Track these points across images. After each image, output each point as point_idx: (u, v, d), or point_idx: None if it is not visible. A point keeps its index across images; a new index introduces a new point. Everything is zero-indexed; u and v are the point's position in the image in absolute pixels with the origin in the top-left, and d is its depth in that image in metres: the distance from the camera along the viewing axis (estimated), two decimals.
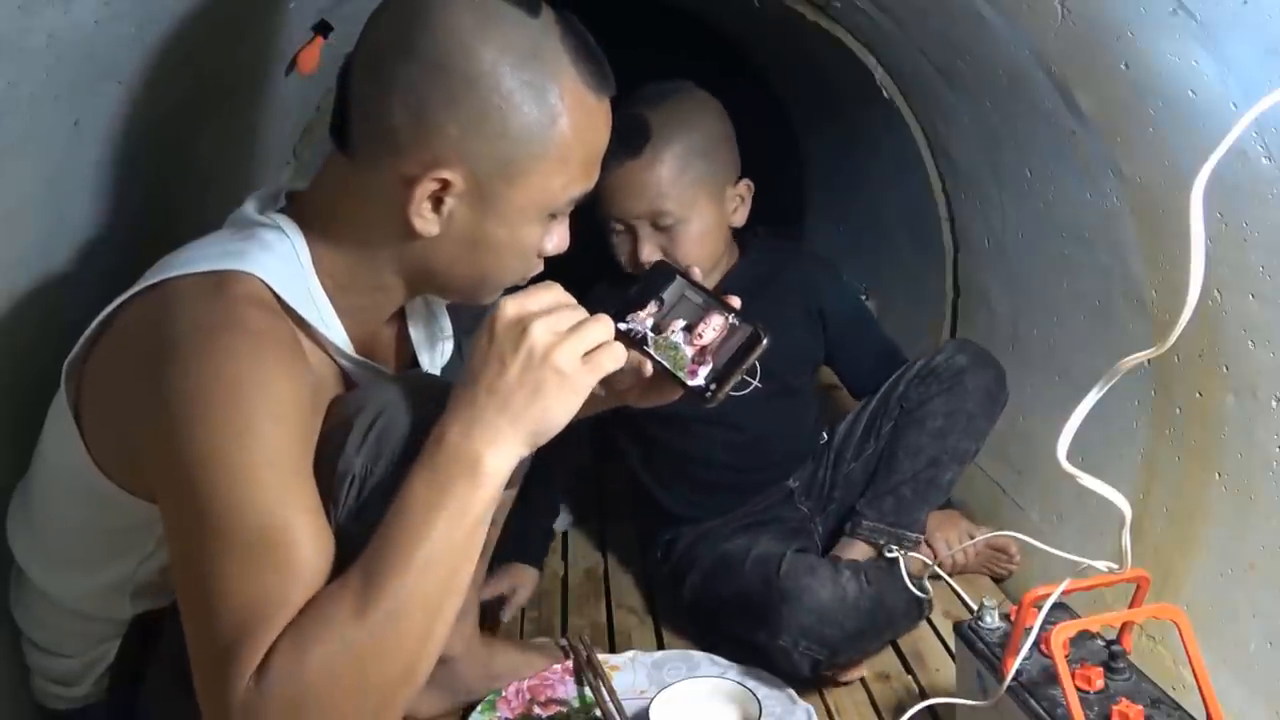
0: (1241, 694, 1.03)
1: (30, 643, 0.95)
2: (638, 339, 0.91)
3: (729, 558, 1.33)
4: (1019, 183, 1.47)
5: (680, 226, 1.34)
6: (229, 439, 0.73)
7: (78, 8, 0.87)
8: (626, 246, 1.37)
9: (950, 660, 1.26)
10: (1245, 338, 1.05)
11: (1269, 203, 0.95)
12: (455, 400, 0.78)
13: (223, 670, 0.71)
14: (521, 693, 1.22)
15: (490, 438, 0.76)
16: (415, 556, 0.73)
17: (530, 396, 0.76)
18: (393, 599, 0.71)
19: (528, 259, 0.91)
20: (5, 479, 0.96)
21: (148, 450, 0.77)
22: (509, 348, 0.76)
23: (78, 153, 1.01)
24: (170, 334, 0.77)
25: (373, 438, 0.82)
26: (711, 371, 0.87)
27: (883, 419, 1.44)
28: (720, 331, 0.89)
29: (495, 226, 0.85)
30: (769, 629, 1.21)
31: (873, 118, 1.89)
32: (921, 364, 1.42)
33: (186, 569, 0.75)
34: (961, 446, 1.39)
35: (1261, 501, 1.06)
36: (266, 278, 0.82)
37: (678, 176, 1.33)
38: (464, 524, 0.75)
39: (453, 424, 0.76)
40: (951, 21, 1.35)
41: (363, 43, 0.85)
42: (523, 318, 0.77)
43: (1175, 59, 0.98)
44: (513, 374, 0.76)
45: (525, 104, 0.81)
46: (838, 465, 1.47)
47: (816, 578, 1.21)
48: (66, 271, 1.04)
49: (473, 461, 0.75)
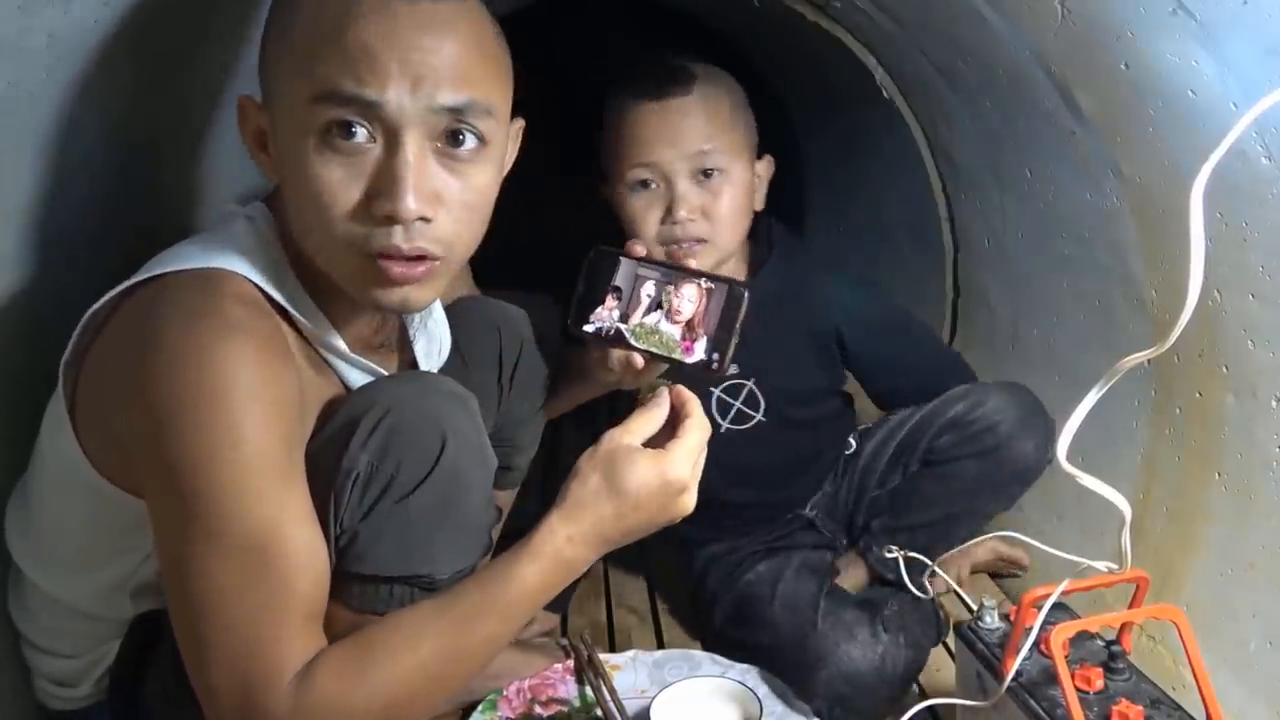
0: (1241, 694, 1.03)
1: (29, 643, 0.95)
2: (613, 336, 0.88)
3: (754, 596, 1.26)
4: (1019, 183, 1.47)
5: (722, 177, 1.21)
6: (216, 445, 0.73)
7: (78, 8, 0.87)
8: (655, 208, 1.22)
9: (950, 660, 1.25)
10: (1245, 338, 1.05)
11: (1269, 203, 0.96)
12: (577, 508, 0.82)
13: (245, 682, 0.72)
14: (522, 692, 1.22)
15: (599, 552, 0.84)
16: (500, 615, 0.80)
17: (646, 529, 0.85)
18: (469, 657, 0.80)
19: (341, 197, 0.80)
20: (3, 478, 0.96)
21: (137, 452, 0.77)
22: (659, 500, 0.83)
23: (78, 153, 1.01)
24: (156, 332, 0.76)
25: (379, 435, 0.81)
26: (708, 342, 0.85)
27: (911, 457, 1.36)
28: (698, 299, 0.86)
29: (285, 137, 0.82)
30: (802, 689, 1.16)
31: (873, 118, 1.89)
32: (959, 410, 1.32)
33: (178, 577, 0.75)
34: (987, 509, 1.35)
35: (1261, 501, 1.06)
36: (248, 274, 0.82)
37: (728, 117, 1.23)
38: (539, 603, 0.83)
39: (576, 535, 0.82)
40: (951, 21, 1.35)
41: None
42: (688, 485, 0.84)
43: (1175, 59, 0.98)
44: (647, 520, 0.84)
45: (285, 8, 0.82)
46: (863, 487, 1.40)
47: (856, 643, 1.14)
48: (66, 271, 1.03)
49: (577, 566, 0.83)
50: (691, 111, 1.21)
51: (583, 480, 0.83)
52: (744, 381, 1.35)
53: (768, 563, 1.29)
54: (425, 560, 0.84)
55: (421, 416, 0.83)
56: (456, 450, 0.83)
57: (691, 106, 1.21)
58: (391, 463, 0.81)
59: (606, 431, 0.85)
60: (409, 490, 0.82)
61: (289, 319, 0.85)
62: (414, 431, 0.82)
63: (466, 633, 0.79)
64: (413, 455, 0.82)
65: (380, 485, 0.82)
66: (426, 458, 0.82)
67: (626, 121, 1.23)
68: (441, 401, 0.85)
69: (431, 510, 0.83)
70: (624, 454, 0.83)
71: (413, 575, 0.84)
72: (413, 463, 0.82)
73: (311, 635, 0.76)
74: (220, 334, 0.75)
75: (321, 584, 0.78)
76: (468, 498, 0.86)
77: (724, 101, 1.24)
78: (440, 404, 0.85)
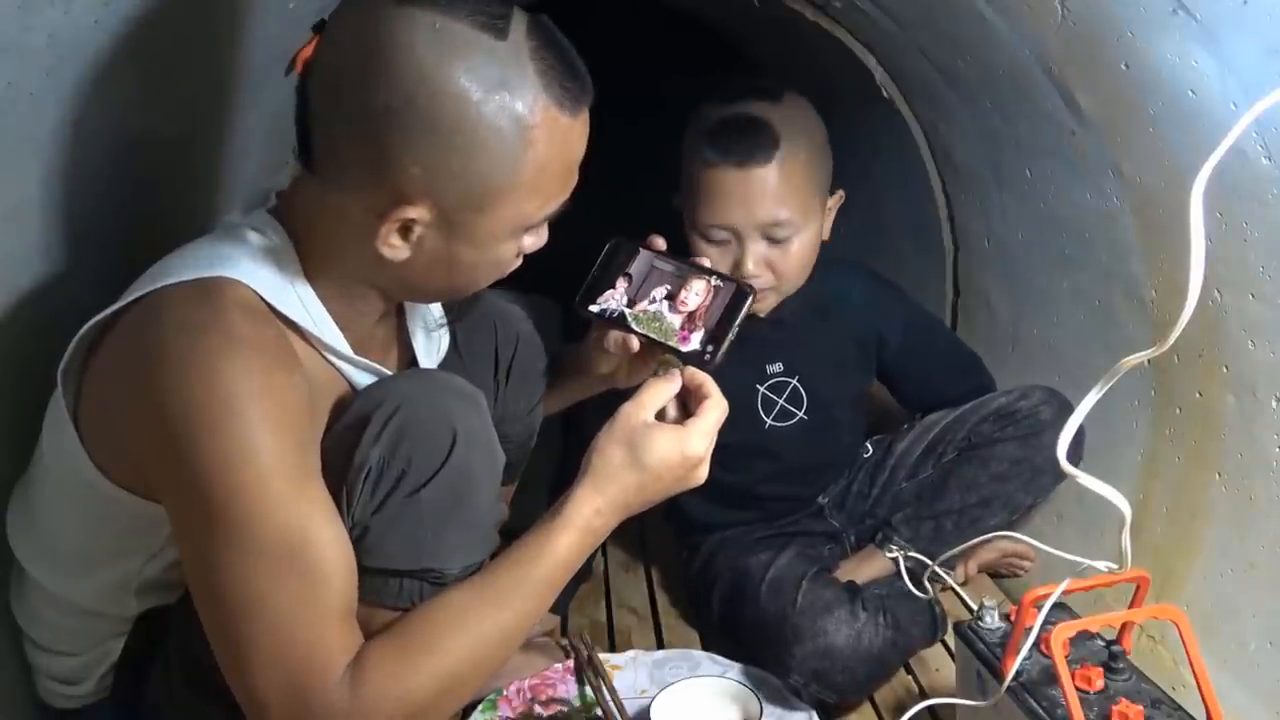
0: (1241, 694, 1.03)
1: (32, 642, 0.95)
2: (615, 318, 0.91)
3: (747, 577, 1.28)
4: (1019, 183, 1.47)
5: (794, 238, 1.26)
6: (232, 451, 0.73)
7: (78, 8, 0.87)
8: (725, 260, 1.26)
9: (950, 660, 1.25)
10: (1245, 338, 1.05)
11: (1269, 203, 0.96)
12: (603, 481, 0.85)
13: (293, 683, 0.73)
14: (523, 692, 1.22)
15: (621, 519, 0.88)
16: (537, 588, 0.83)
17: (663, 497, 0.88)
18: (513, 633, 0.83)
19: (504, 268, 0.90)
20: (5, 476, 0.96)
21: (152, 464, 0.78)
22: (677, 473, 0.86)
23: (78, 153, 1.01)
24: (162, 344, 0.76)
25: (390, 431, 0.82)
26: (705, 334, 0.88)
27: (947, 447, 1.40)
28: (705, 294, 0.89)
29: (467, 249, 0.84)
30: (780, 664, 1.18)
31: (873, 118, 1.88)
32: (1003, 402, 1.37)
33: (210, 587, 0.76)
34: (1017, 497, 1.36)
35: (1261, 501, 1.06)
36: (253, 284, 0.82)
37: (803, 183, 1.26)
38: (571, 573, 0.86)
39: (604, 506, 0.85)
40: (952, 21, 1.35)
41: (320, 56, 0.80)
42: (704, 459, 0.87)
43: (1175, 59, 0.98)
44: (664, 489, 0.87)
45: (491, 139, 0.77)
46: (889, 483, 1.43)
47: (832, 618, 1.16)
48: (66, 272, 1.03)
49: (603, 535, 0.87)
50: (771, 181, 1.24)
51: (606, 455, 0.86)
52: (789, 379, 1.38)
53: (769, 551, 1.32)
54: (434, 555, 0.85)
55: (432, 413, 0.84)
56: (466, 447, 0.84)
57: (771, 176, 1.24)
58: (402, 458, 0.82)
59: (619, 408, 0.88)
60: (419, 485, 0.83)
61: (289, 324, 0.85)
62: (425, 428, 0.83)
63: (508, 608, 0.81)
64: (423, 451, 0.82)
65: (391, 480, 0.82)
66: (437, 454, 0.83)
67: (706, 178, 1.27)
68: (452, 399, 0.86)
69: (441, 505, 0.84)
70: (644, 430, 0.86)
71: (422, 569, 0.84)
72: (423, 459, 0.82)
73: (352, 630, 0.77)
74: (226, 345, 0.76)
75: (352, 580, 0.78)
76: (477, 494, 0.86)
77: (802, 161, 1.26)
78: (451, 402, 0.86)
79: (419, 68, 0.75)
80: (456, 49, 0.76)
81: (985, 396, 1.40)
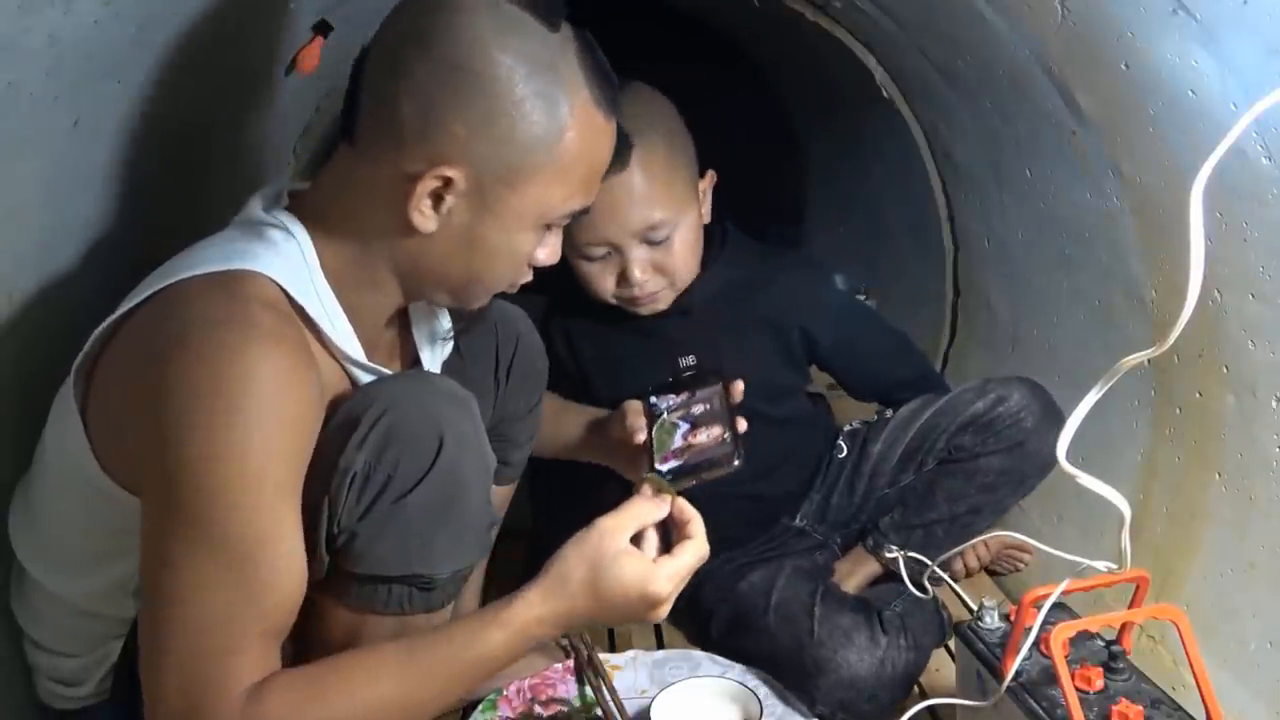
0: (1241, 694, 1.03)
1: (32, 642, 0.95)
2: (656, 414, 1.03)
3: (749, 606, 1.23)
4: (1019, 183, 1.47)
5: (672, 236, 1.22)
6: (227, 444, 0.73)
7: (78, 8, 0.87)
8: (609, 273, 1.24)
9: (950, 660, 1.25)
10: (1245, 338, 1.05)
11: (1269, 203, 0.96)
12: (556, 594, 0.82)
13: (193, 688, 0.72)
14: (522, 692, 1.22)
15: (562, 632, 0.89)
16: (458, 673, 0.81)
17: (613, 624, 0.89)
18: (420, 707, 0.80)
19: (519, 266, 0.91)
20: (6, 476, 0.96)
21: (142, 445, 0.77)
22: (635, 608, 0.83)
23: (78, 153, 1.01)
24: (183, 334, 0.76)
25: (376, 435, 0.82)
26: (678, 466, 0.95)
27: (926, 456, 1.35)
28: (712, 440, 0.97)
29: (492, 229, 0.85)
30: (805, 698, 1.15)
31: (873, 118, 1.89)
32: (979, 409, 1.31)
33: (154, 568, 0.75)
34: (1006, 503, 1.35)
35: (1261, 501, 1.06)
36: (277, 278, 0.82)
37: (669, 177, 1.21)
38: (497, 670, 0.84)
39: (547, 617, 0.82)
40: (951, 21, 1.35)
41: (382, 33, 0.85)
42: (666, 600, 0.84)
43: (1175, 59, 0.98)
44: (617, 619, 0.88)
45: (535, 113, 0.81)
46: (870, 490, 1.39)
47: (854, 648, 1.13)
48: (67, 271, 1.04)
49: (539, 641, 0.84)
50: (636, 185, 1.19)
51: (567, 568, 0.83)
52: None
53: (760, 572, 1.27)
54: (424, 560, 0.84)
55: (419, 416, 0.83)
56: (455, 450, 0.84)
57: (634, 180, 1.19)
58: (389, 463, 0.81)
59: (598, 520, 0.85)
60: (406, 490, 0.82)
61: (308, 322, 0.85)
62: (411, 431, 0.82)
63: (424, 683, 0.79)
64: (410, 455, 0.82)
65: (378, 485, 0.82)
66: (424, 457, 0.82)
67: None
68: (440, 401, 0.85)
69: (430, 510, 0.83)
70: (612, 557, 0.82)
71: (411, 575, 0.84)
72: (410, 462, 0.82)
73: (268, 653, 0.76)
74: (247, 341, 0.75)
75: (291, 604, 0.78)
76: (466, 498, 0.86)
77: (662, 155, 1.21)
78: (439, 404, 0.85)
79: (478, 32, 0.80)
80: (514, 26, 0.81)
81: (957, 393, 1.35)
